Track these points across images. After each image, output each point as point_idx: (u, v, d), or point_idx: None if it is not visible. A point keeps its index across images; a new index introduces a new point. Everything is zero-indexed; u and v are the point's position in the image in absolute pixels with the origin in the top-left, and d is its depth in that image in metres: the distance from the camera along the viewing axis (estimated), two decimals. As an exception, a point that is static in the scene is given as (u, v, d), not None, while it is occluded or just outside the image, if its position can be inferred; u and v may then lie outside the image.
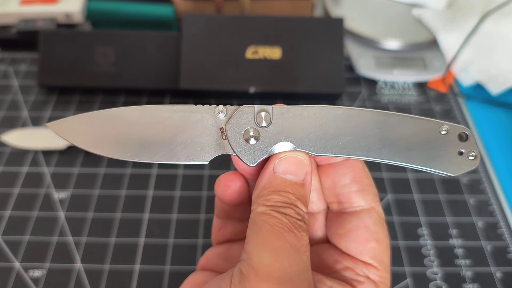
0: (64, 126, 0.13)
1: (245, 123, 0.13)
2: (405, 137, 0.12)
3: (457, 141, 0.12)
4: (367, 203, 0.13)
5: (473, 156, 0.12)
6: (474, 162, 0.12)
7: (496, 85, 0.37)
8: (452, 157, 0.12)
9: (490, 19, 0.40)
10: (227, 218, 0.17)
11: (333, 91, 0.35)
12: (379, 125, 0.12)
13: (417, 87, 0.39)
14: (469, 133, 0.12)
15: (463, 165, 0.12)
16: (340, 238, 0.13)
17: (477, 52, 0.39)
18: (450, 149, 0.12)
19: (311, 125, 0.12)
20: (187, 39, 0.35)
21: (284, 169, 0.12)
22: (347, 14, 0.41)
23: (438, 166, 0.12)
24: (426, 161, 0.12)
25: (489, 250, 0.28)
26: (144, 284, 0.26)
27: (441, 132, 0.12)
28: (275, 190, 0.12)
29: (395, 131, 0.12)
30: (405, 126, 0.12)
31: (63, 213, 0.29)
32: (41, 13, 0.40)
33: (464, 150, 0.12)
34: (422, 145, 0.12)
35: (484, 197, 0.31)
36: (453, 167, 0.12)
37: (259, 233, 0.11)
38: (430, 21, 0.40)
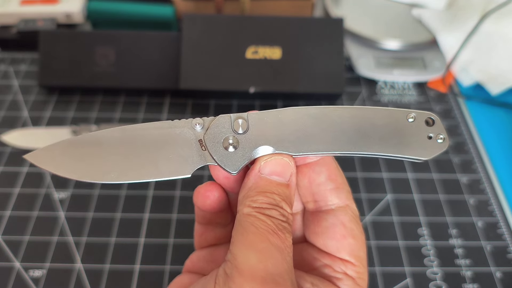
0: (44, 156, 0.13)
1: (222, 132, 0.13)
2: (377, 128, 0.13)
3: (425, 126, 0.13)
4: (342, 201, 0.14)
5: (441, 139, 0.13)
6: (443, 145, 0.13)
7: (496, 85, 0.37)
8: (422, 142, 0.12)
9: (490, 19, 0.40)
10: (209, 224, 0.17)
11: (333, 91, 0.35)
12: (352, 120, 0.13)
13: (417, 87, 0.39)
14: (435, 118, 0.13)
15: (434, 148, 0.12)
16: (318, 236, 0.14)
17: (477, 52, 0.39)
18: (419, 135, 0.13)
19: (287, 127, 0.13)
20: (187, 39, 0.35)
21: (270, 170, 0.13)
22: (347, 14, 0.41)
23: (410, 152, 0.13)
24: (399, 149, 0.13)
25: (489, 250, 0.28)
26: (144, 284, 0.26)
27: (408, 120, 0.13)
28: (261, 191, 0.12)
29: (368, 124, 0.13)
30: (376, 118, 0.13)
31: (63, 213, 0.29)
32: (41, 13, 0.40)
33: (432, 135, 0.13)
34: (393, 134, 0.12)
35: (484, 197, 0.31)
36: (425, 151, 0.12)
37: (244, 235, 0.12)
38: (430, 21, 0.40)
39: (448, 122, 0.36)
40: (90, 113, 0.36)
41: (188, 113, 0.36)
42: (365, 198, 0.31)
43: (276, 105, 0.37)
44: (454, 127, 0.36)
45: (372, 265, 0.27)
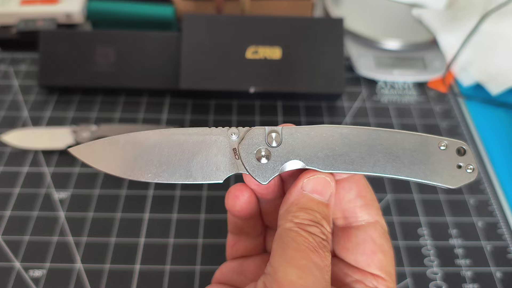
0: (86, 150, 0.14)
1: (256, 144, 0.14)
2: (407, 152, 0.13)
3: (456, 155, 0.13)
4: (372, 217, 0.14)
5: (471, 169, 0.13)
6: (472, 175, 0.13)
7: (496, 85, 0.37)
8: (451, 170, 0.13)
9: (490, 19, 0.40)
10: (240, 234, 0.17)
11: (333, 91, 0.35)
12: (383, 142, 0.13)
13: (417, 87, 0.39)
14: (467, 148, 0.13)
15: (462, 177, 0.13)
16: (348, 252, 0.14)
17: (477, 52, 0.39)
18: (449, 163, 0.13)
19: (318, 144, 0.13)
20: (187, 39, 0.35)
21: (312, 188, 0.13)
22: (347, 14, 0.41)
23: (439, 179, 0.13)
24: (428, 175, 0.13)
25: (489, 250, 0.28)
26: (144, 284, 0.26)
27: (440, 147, 0.13)
28: (303, 208, 0.13)
29: (398, 148, 0.13)
30: (407, 143, 0.13)
31: (63, 213, 0.29)
32: (41, 13, 0.40)
33: (462, 164, 0.13)
34: (423, 160, 0.13)
35: (484, 197, 0.31)
36: (453, 179, 0.13)
37: (285, 249, 0.12)
38: (430, 21, 0.40)
39: (448, 122, 0.36)
40: (90, 113, 0.36)
41: (188, 113, 0.36)
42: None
43: (276, 105, 0.37)
44: (454, 127, 0.36)
45: (372, 265, 0.27)
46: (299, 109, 0.37)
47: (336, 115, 0.36)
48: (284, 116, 0.36)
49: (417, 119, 0.36)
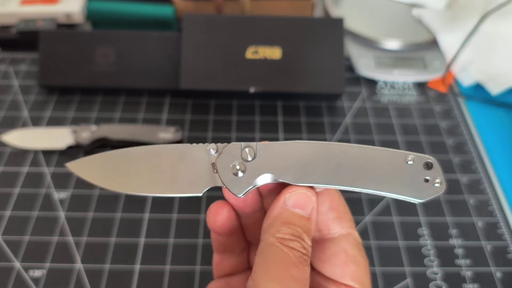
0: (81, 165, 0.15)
1: (232, 158, 0.14)
2: (376, 167, 0.13)
3: (423, 169, 0.13)
4: (344, 229, 0.14)
5: (438, 183, 0.13)
6: (440, 188, 0.13)
7: (496, 85, 0.37)
8: (418, 184, 0.13)
9: (490, 19, 0.40)
10: (224, 251, 0.18)
11: (333, 91, 0.35)
12: (353, 157, 0.14)
13: (417, 87, 0.39)
14: (434, 162, 0.13)
15: (430, 191, 0.13)
16: (323, 263, 0.14)
17: (477, 52, 0.39)
18: (417, 177, 0.13)
19: (290, 158, 0.14)
20: (187, 39, 0.35)
21: (294, 202, 0.13)
22: (347, 14, 0.41)
23: (407, 192, 0.13)
24: (395, 188, 0.13)
25: (489, 250, 0.28)
26: (144, 284, 0.26)
27: (408, 162, 0.13)
28: (285, 222, 0.13)
29: (367, 162, 0.13)
30: (375, 158, 0.14)
31: (63, 213, 0.29)
32: (41, 13, 0.40)
33: (429, 178, 0.13)
34: (391, 174, 0.13)
35: (484, 197, 0.31)
36: (420, 193, 0.13)
37: (267, 263, 0.12)
38: (430, 21, 0.40)
39: (448, 122, 0.36)
40: (90, 113, 0.36)
41: (188, 113, 0.36)
42: (365, 198, 0.31)
43: (276, 105, 0.37)
44: (454, 127, 0.36)
45: (372, 265, 0.27)
46: (299, 109, 0.37)
47: (336, 115, 0.36)
48: (284, 116, 0.36)
49: (417, 119, 0.36)
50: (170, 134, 0.32)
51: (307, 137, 0.35)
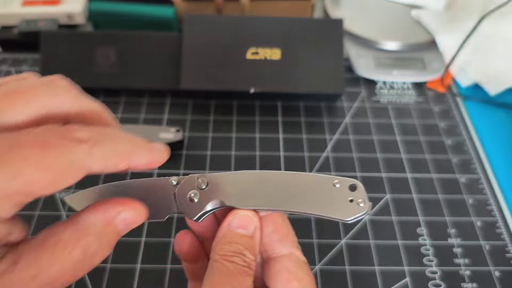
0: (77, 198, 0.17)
1: (189, 188, 0.16)
2: (308, 191, 0.15)
3: (348, 191, 0.15)
4: (287, 249, 0.16)
5: (361, 202, 0.15)
6: (363, 207, 0.15)
7: (494, 85, 0.37)
8: (344, 204, 0.15)
9: (488, 20, 0.40)
10: (196, 279, 0.19)
11: (333, 92, 0.35)
12: (287, 183, 0.16)
13: (416, 87, 0.39)
14: (358, 184, 0.15)
15: (354, 210, 0.15)
16: (270, 281, 0.16)
17: (476, 52, 0.39)
18: (343, 198, 0.15)
19: (237, 186, 0.16)
20: (187, 40, 0.35)
21: (237, 224, 0.15)
22: (346, 15, 0.41)
23: (334, 213, 0.15)
24: (325, 209, 0.15)
25: (487, 249, 0.28)
26: (146, 283, 0.26)
27: (335, 185, 0.15)
28: (228, 241, 0.15)
29: (300, 188, 0.15)
30: (306, 183, 0.16)
31: (65, 212, 0.29)
32: (42, 14, 0.41)
33: (353, 198, 0.15)
34: (320, 197, 0.15)
35: (483, 196, 0.31)
36: (346, 213, 0.15)
37: (212, 278, 0.14)
38: (429, 22, 0.41)
39: (446, 122, 0.37)
40: (91, 113, 0.36)
41: (188, 113, 0.36)
42: (365, 198, 0.31)
43: (277, 105, 0.37)
44: (453, 127, 0.36)
45: (371, 265, 0.27)
46: (299, 109, 0.37)
47: (335, 115, 0.37)
48: (284, 116, 0.36)
49: (416, 119, 0.37)
50: (171, 134, 0.32)
51: (307, 137, 0.35)
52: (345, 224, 0.29)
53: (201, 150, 0.33)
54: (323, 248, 0.28)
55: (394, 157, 0.34)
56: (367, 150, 0.34)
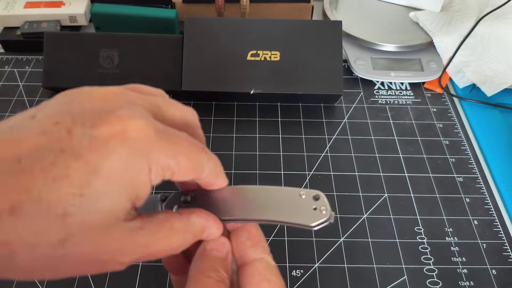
0: None
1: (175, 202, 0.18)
2: (277, 202, 0.17)
3: (312, 200, 0.17)
4: (259, 255, 0.18)
5: (324, 210, 0.17)
6: (325, 214, 0.17)
7: (491, 87, 0.38)
8: (309, 212, 0.17)
9: (485, 22, 0.41)
10: None
11: (332, 93, 0.36)
12: (260, 196, 0.18)
13: (414, 88, 0.40)
14: (320, 194, 0.17)
15: (318, 217, 0.17)
16: (245, 285, 0.17)
17: (473, 54, 0.40)
18: (308, 207, 0.17)
19: (217, 200, 0.18)
20: (188, 42, 0.35)
21: (211, 247, 0.17)
22: (345, 17, 0.42)
23: (301, 219, 0.17)
24: (293, 217, 0.17)
25: (485, 248, 0.29)
26: (148, 280, 0.26)
27: (302, 196, 0.17)
28: (205, 261, 0.17)
29: (271, 199, 0.17)
30: (276, 195, 0.18)
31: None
32: (45, 15, 0.41)
33: (316, 207, 0.17)
34: (288, 206, 0.17)
35: (480, 196, 0.32)
36: (311, 219, 0.17)
37: None
38: (426, 24, 0.41)
39: (444, 122, 0.37)
40: (93, 114, 0.36)
41: (189, 114, 0.37)
42: (363, 197, 0.31)
43: (277, 106, 0.38)
44: (450, 127, 0.37)
45: (370, 263, 0.28)
46: (299, 110, 0.37)
47: (334, 116, 0.37)
48: (284, 117, 0.37)
49: (414, 119, 0.37)
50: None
51: (306, 137, 0.35)
52: (344, 223, 0.30)
53: (202, 150, 0.34)
54: (322, 247, 0.28)
55: (392, 157, 0.34)
56: (365, 150, 0.34)
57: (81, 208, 0.12)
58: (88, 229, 0.12)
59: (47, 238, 0.12)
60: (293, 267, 0.27)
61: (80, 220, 0.12)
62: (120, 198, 0.13)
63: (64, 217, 0.12)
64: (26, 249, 0.12)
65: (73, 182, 0.12)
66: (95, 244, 0.13)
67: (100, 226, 0.13)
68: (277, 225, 0.29)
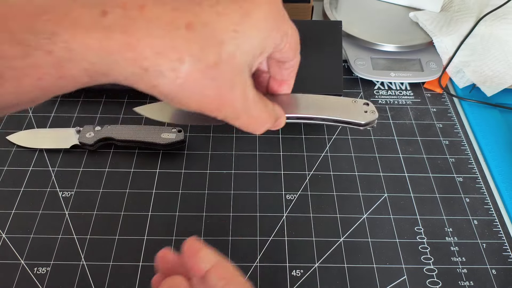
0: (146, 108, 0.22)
1: None
2: (335, 105, 0.22)
3: (363, 106, 0.22)
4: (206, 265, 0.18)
5: (372, 112, 0.22)
6: (374, 115, 0.22)
7: (491, 86, 0.38)
8: (361, 113, 0.22)
9: (485, 22, 0.41)
10: None
11: (332, 93, 0.36)
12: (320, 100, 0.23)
13: (413, 88, 0.40)
14: (369, 102, 0.22)
15: (367, 116, 0.22)
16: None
17: (473, 54, 0.40)
18: (360, 110, 0.22)
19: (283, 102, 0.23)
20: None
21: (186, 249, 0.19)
22: (345, 18, 0.42)
23: (355, 118, 0.22)
24: (349, 116, 0.22)
25: (484, 247, 0.29)
26: (148, 281, 0.26)
27: (353, 102, 0.22)
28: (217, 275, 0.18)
29: (329, 103, 0.22)
30: (334, 101, 0.22)
31: (67, 212, 0.30)
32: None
33: (367, 110, 0.22)
34: (345, 109, 0.22)
35: (480, 195, 0.32)
36: (363, 118, 0.21)
37: None
38: (426, 24, 0.41)
39: (444, 122, 0.37)
40: (93, 114, 0.36)
41: (189, 114, 0.37)
42: (363, 197, 0.31)
43: (276, 106, 0.38)
44: (450, 127, 0.37)
45: (370, 263, 0.28)
46: (299, 110, 0.37)
47: (334, 116, 0.37)
48: (284, 117, 0.37)
49: (414, 119, 0.37)
50: (173, 134, 0.33)
51: (306, 137, 0.35)
52: (344, 223, 0.30)
53: (202, 149, 0.34)
54: (322, 247, 0.28)
55: (392, 157, 0.34)
56: (365, 150, 0.34)
57: (233, 41, 0.15)
58: (233, 62, 0.15)
59: (207, 57, 0.14)
60: (293, 267, 0.27)
61: (230, 50, 0.15)
62: (254, 48, 0.16)
63: (221, 44, 0.15)
64: (191, 59, 0.14)
65: (231, 19, 0.15)
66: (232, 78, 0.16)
67: (239, 64, 0.16)
68: (279, 222, 0.29)
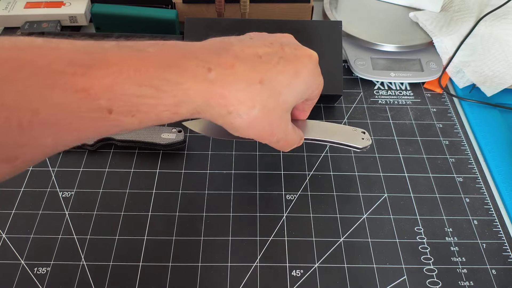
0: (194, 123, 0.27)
1: None
2: (340, 132, 0.28)
3: (361, 133, 0.28)
4: None
5: (367, 139, 0.28)
6: (368, 142, 0.28)
7: (491, 86, 0.38)
8: (359, 140, 0.28)
9: (485, 22, 0.41)
10: None
11: (332, 93, 0.36)
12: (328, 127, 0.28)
13: (413, 88, 0.40)
14: (365, 131, 0.28)
15: (363, 142, 0.28)
16: None
17: (473, 54, 0.40)
18: (358, 137, 0.28)
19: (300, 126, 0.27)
20: (188, 42, 0.35)
21: None
22: (344, 18, 0.42)
23: (355, 143, 0.27)
24: (350, 141, 0.27)
25: (484, 248, 0.29)
26: (148, 281, 0.26)
27: (354, 131, 0.28)
28: None
29: (336, 129, 0.28)
30: (339, 128, 0.29)
31: (66, 212, 0.30)
32: (45, 15, 0.41)
33: (364, 137, 0.28)
34: (348, 135, 0.28)
35: (480, 196, 0.32)
36: (360, 143, 0.27)
37: None
38: (426, 24, 0.41)
39: (444, 122, 0.37)
40: (93, 114, 0.36)
41: (189, 114, 0.37)
42: (363, 197, 0.31)
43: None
44: (450, 127, 0.37)
45: (370, 263, 0.28)
46: (299, 110, 0.37)
47: (335, 116, 0.37)
48: (284, 117, 0.37)
49: (414, 119, 0.37)
50: (173, 134, 0.33)
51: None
52: (344, 223, 0.30)
53: (202, 150, 0.34)
54: (322, 247, 0.28)
55: (392, 157, 0.34)
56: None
57: (287, 92, 0.20)
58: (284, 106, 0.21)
59: (269, 104, 0.20)
60: (293, 267, 0.27)
61: (284, 99, 0.21)
62: (299, 95, 0.22)
63: (279, 94, 0.20)
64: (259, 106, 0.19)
65: (287, 76, 0.20)
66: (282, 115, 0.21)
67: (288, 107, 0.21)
68: (279, 222, 0.29)
